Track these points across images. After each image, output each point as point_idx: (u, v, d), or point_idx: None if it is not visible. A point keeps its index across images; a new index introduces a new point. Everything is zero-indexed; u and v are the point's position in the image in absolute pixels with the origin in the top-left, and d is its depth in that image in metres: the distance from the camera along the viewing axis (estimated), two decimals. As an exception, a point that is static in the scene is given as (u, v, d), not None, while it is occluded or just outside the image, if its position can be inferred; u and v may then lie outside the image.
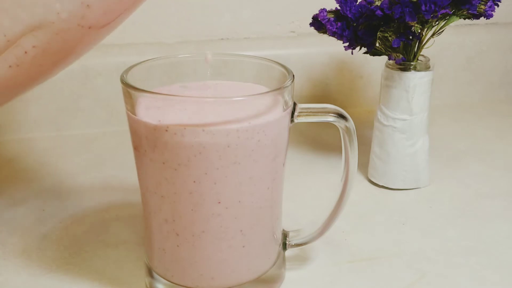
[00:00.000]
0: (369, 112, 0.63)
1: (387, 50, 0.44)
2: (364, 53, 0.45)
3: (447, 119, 0.62)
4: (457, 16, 0.42)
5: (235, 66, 0.34)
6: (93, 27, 0.28)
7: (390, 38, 0.41)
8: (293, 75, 0.30)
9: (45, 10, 0.26)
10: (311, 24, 0.46)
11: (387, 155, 0.45)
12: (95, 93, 0.58)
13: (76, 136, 0.58)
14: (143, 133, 0.28)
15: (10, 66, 0.28)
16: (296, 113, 0.30)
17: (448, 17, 0.42)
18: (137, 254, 0.37)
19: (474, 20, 0.43)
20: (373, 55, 0.45)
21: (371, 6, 0.41)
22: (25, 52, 0.27)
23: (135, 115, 0.28)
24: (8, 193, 0.45)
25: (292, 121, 0.30)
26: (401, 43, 0.42)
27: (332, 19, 0.43)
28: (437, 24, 0.43)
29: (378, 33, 0.42)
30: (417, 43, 0.43)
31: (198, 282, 0.31)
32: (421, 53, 0.44)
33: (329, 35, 0.45)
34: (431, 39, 0.44)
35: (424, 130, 0.45)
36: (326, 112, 0.31)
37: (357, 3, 0.43)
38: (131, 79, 0.29)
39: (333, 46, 0.54)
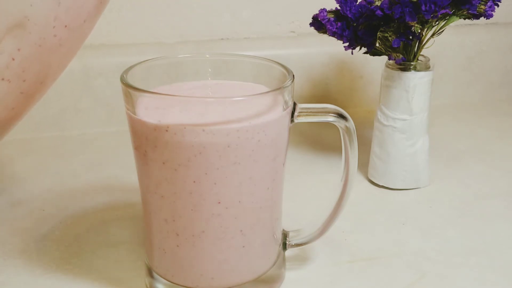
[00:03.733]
0: (369, 112, 0.63)
1: (387, 50, 0.44)
2: (364, 53, 0.45)
3: (447, 119, 0.62)
4: (457, 16, 0.42)
5: (235, 66, 0.34)
6: (68, 26, 0.28)
7: (390, 38, 0.41)
8: (293, 75, 0.30)
9: (18, 3, 0.26)
10: (311, 24, 0.46)
11: (387, 155, 0.45)
12: (95, 93, 0.58)
13: (76, 136, 0.58)
14: (143, 133, 0.28)
15: (2, 79, 0.28)
16: (296, 113, 0.30)
17: (448, 17, 0.42)
18: (137, 254, 0.37)
19: (474, 20, 0.43)
20: (373, 55, 0.45)
21: (371, 6, 0.41)
22: (13, 59, 0.27)
23: (135, 115, 0.28)
24: (8, 193, 0.45)
25: (292, 121, 0.30)
26: (401, 43, 0.42)
27: (332, 19, 0.43)
28: (437, 24, 0.43)
29: (378, 33, 0.42)
30: (417, 43, 0.43)
31: (198, 282, 0.31)
32: (421, 53, 0.44)
33: (329, 35, 0.45)
34: (431, 39, 0.44)
35: (424, 130, 0.45)
36: (326, 112, 0.31)
37: (357, 3, 0.43)
38: (131, 79, 0.29)
39: (333, 46, 0.54)
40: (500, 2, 0.42)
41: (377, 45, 0.44)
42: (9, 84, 0.28)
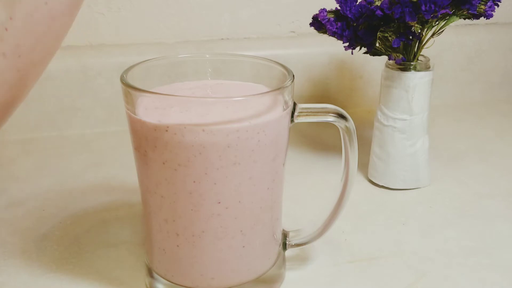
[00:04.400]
0: (369, 112, 0.63)
1: (387, 50, 0.44)
2: (364, 53, 0.45)
3: (447, 119, 0.62)
4: (457, 16, 0.42)
5: (235, 66, 0.34)
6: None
7: (390, 38, 0.41)
8: (293, 75, 0.30)
9: None
10: (311, 24, 0.46)
11: (387, 155, 0.45)
12: (95, 93, 0.58)
13: (76, 136, 0.58)
14: (143, 133, 0.28)
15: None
16: (296, 113, 0.30)
17: (448, 17, 0.42)
18: (137, 254, 0.37)
19: (474, 20, 0.43)
20: (373, 55, 0.45)
21: (371, 6, 0.41)
22: (6, 29, 0.27)
23: (135, 115, 0.28)
24: (8, 193, 0.45)
25: (292, 121, 0.30)
26: (401, 43, 0.42)
27: (332, 19, 0.43)
28: (437, 24, 0.43)
29: (378, 33, 0.42)
30: (417, 43, 0.43)
31: (198, 282, 0.31)
32: (421, 53, 0.44)
33: (329, 35, 0.45)
34: (431, 39, 0.44)
35: (424, 130, 0.45)
36: (326, 112, 0.31)
37: (357, 3, 0.43)
38: (131, 79, 0.29)
39: (333, 46, 0.54)
40: (500, 2, 0.42)
41: (377, 45, 0.44)
42: (5, 59, 0.28)
